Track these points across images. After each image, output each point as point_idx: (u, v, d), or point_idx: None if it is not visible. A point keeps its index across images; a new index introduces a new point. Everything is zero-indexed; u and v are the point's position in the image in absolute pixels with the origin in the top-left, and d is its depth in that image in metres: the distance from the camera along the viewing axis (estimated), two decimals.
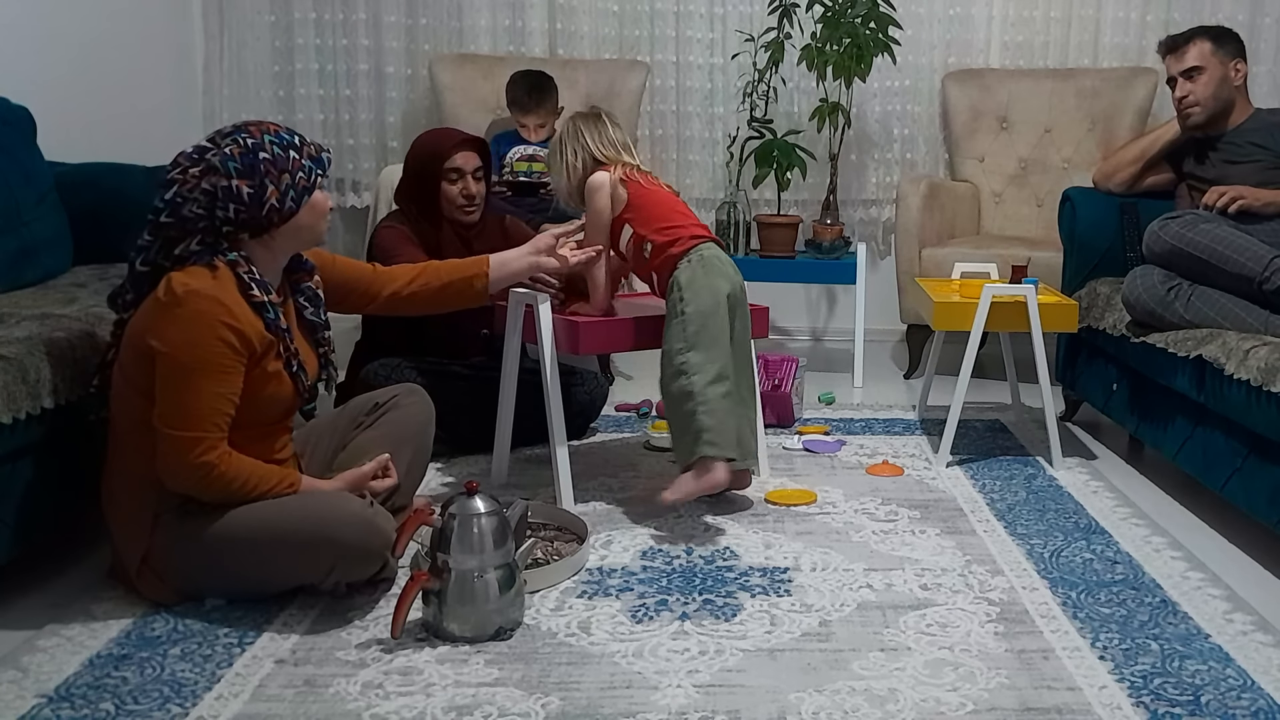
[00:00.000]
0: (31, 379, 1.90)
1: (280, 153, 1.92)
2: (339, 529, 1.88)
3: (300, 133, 2.00)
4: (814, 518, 2.46)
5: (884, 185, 4.41)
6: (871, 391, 3.69)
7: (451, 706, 1.64)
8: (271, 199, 1.90)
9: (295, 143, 1.95)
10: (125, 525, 1.94)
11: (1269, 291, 2.46)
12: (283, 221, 1.94)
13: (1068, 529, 2.40)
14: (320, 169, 1.98)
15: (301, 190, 1.94)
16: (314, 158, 1.97)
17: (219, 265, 1.89)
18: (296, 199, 1.93)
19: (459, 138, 2.90)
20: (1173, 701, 1.67)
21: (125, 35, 3.73)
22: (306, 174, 1.94)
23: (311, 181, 1.95)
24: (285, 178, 1.91)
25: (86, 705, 1.64)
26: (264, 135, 1.93)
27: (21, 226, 2.63)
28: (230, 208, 1.88)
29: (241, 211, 1.89)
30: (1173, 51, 3.05)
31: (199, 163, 1.90)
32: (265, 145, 1.91)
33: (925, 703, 1.67)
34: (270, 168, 1.90)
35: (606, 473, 2.74)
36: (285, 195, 1.92)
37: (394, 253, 2.76)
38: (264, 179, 1.89)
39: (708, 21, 4.31)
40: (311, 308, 2.11)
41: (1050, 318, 2.79)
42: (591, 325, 2.47)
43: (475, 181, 2.87)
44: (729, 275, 2.44)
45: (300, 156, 1.94)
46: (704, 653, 1.81)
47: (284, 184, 1.91)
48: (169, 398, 1.84)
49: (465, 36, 4.29)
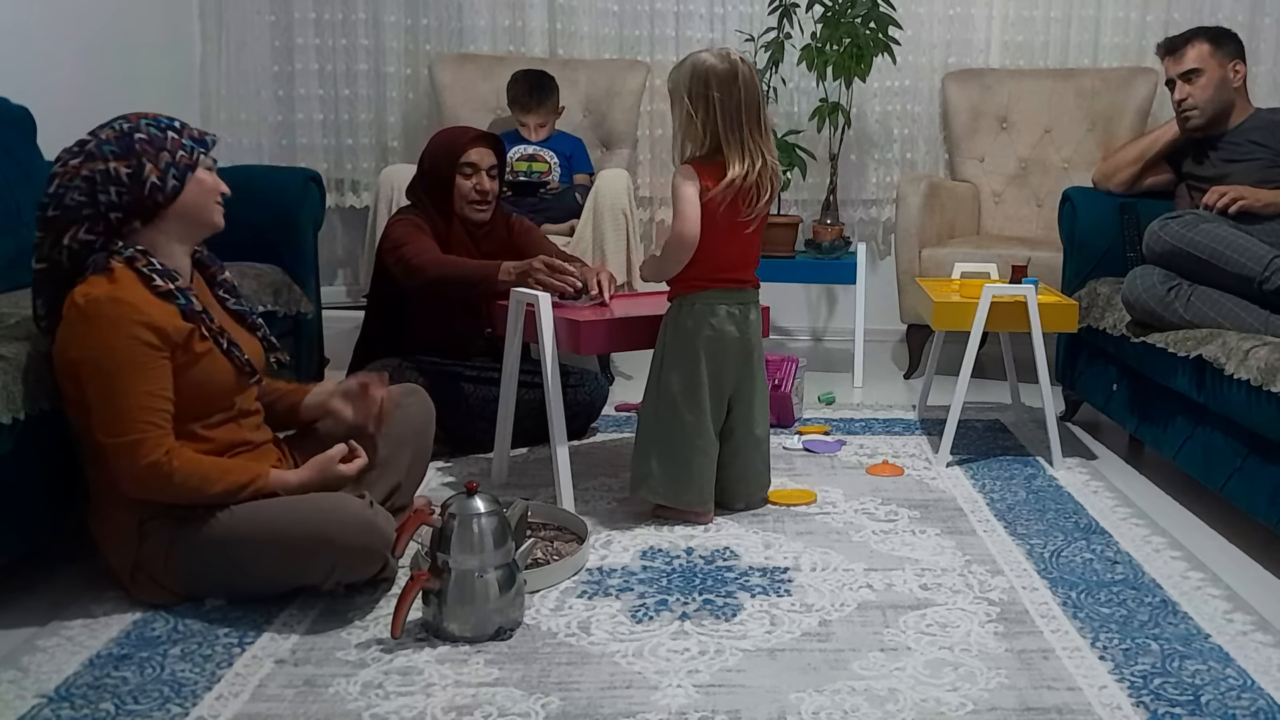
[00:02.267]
0: (31, 379, 1.90)
1: (157, 133, 1.92)
2: (339, 530, 1.88)
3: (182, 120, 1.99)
4: (814, 518, 2.46)
5: (884, 185, 4.41)
6: (871, 391, 3.69)
7: (451, 706, 1.64)
8: (151, 177, 1.89)
9: (175, 125, 1.95)
10: (111, 538, 1.95)
11: (1269, 291, 2.46)
12: (168, 201, 1.92)
13: (1068, 529, 2.40)
14: (203, 148, 1.96)
15: (184, 168, 1.92)
16: (195, 138, 1.96)
17: (115, 267, 1.88)
18: (179, 176, 1.92)
19: (475, 133, 2.91)
20: (1173, 701, 1.67)
21: (125, 35, 3.73)
22: (188, 152, 1.93)
23: (194, 159, 1.93)
24: (164, 155, 1.91)
25: (86, 705, 1.64)
26: (140, 120, 1.93)
27: (21, 226, 2.63)
28: (111, 190, 1.88)
29: (124, 193, 1.89)
30: (1171, 54, 3.05)
31: (78, 154, 1.90)
32: (141, 128, 1.92)
33: (925, 703, 1.67)
34: (147, 147, 1.90)
35: (606, 473, 2.74)
36: (166, 173, 1.91)
37: (402, 242, 2.76)
38: (141, 158, 1.89)
39: (708, 21, 4.31)
40: (232, 299, 2.11)
41: (1050, 318, 2.79)
42: (592, 325, 2.47)
43: (489, 178, 2.87)
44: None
45: (180, 136, 1.94)
46: (704, 653, 1.81)
47: (163, 162, 1.90)
48: (100, 408, 1.84)
49: (465, 36, 4.29)
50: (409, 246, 2.75)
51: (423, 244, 2.76)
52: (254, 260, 2.86)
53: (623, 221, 3.59)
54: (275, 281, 2.88)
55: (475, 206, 2.87)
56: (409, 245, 2.75)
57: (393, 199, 3.60)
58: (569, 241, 3.60)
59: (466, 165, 2.84)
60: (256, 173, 3.31)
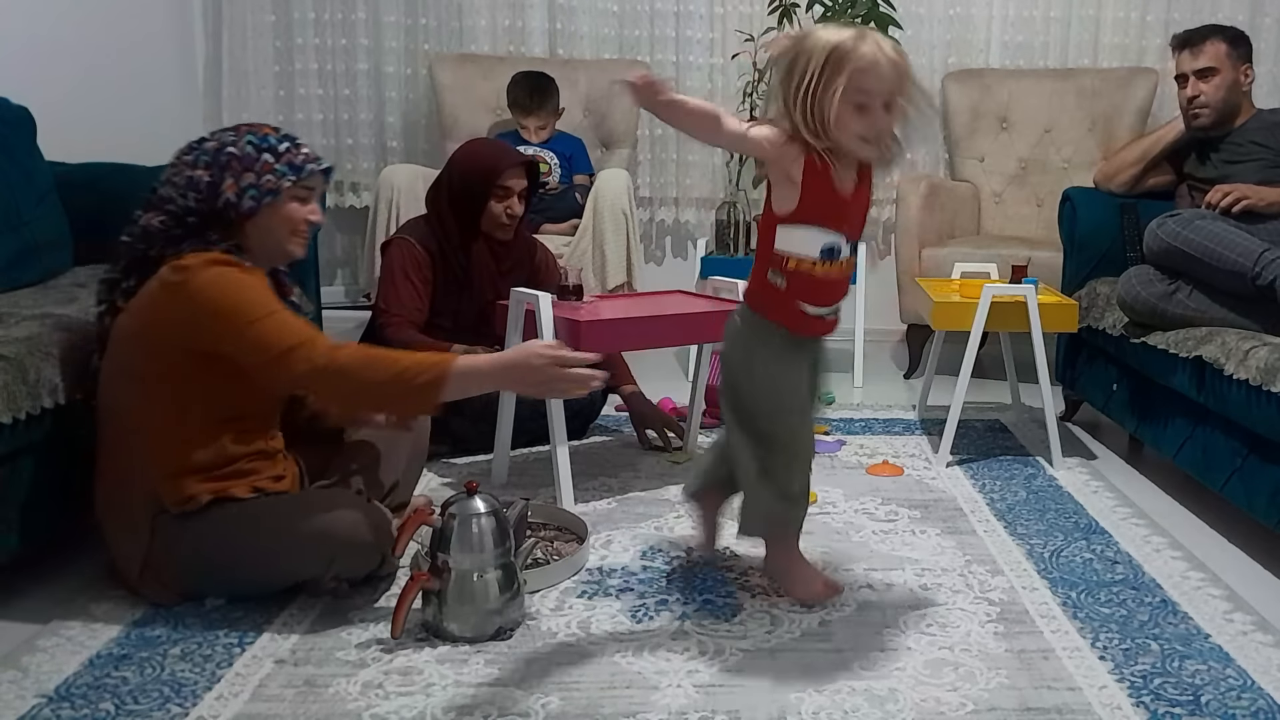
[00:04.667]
0: (31, 379, 1.90)
1: (251, 152, 1.93)
2: (335, 523, 1.89)
3: (300, 142, 1.99)
4: (814, 518, 2.45)
5: (884, 185, 4.40)
6: (871, 391, 3.69)
7: (451, 706, 1.64)
8: (228, 193, 1.91)
9: (277, 147, 1.95)
10: (122, 531, 1.94)
11: (1261, 287, 2.45)
12: (240, 219, 1.93)
13: (1068, 529, 2.40)
14: (295, 174, 1.95)
15: (265, 191, 1.92)
16: (294, 164, 1.95)
17: (214, 251, 1.90)
18: (257, 198, 1.92)
19: (515, 159, 2.90)
20: (1173, 701, 1.67)
21: (125, 35, 3.73)
22: (276, 177, 1.93)
23: (279, 184, 1.93)
24: (248, 175, 1.92)
25: (86, 705, 1.64)
26: (246, 135, 1.95)
27: (22, 226, 2.63)
28: (189, 195, 1.91)
29: (200, 201, 1.91)
30: (1189, 47, 3.02)
31: (189, 152, 1.95)
32: (239, 143, 1.93)
33: (925, 703, 1.67)
34: (235, 163, 1.91)
35: (606, 473, 2.74)
36: (244, 193, 1.91)
37: (391, 281, 2.80)
38: (224, 172, 1.91)
39: (708, 21, 4.31)
40: None
41: (1050, 318, 2.79)
42: (593, 325, 2.47)
43: (520, 202, 2.89)
44: None
45: (275, 160, 1.93)
46: (704, 653, 1.81)
47: (245, 181, 1.91)
48: (250, 337, 1.81)
49: (465, 36, 4.29)
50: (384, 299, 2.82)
51: (402, 298, 2.80)
52: None
53: (623, 221, 3.59)
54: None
55: (503, 228, 2.88)
56: (385, 297, 2.82)
57: (393, 199, 3.60)
58: (569, 241, 3.61)
59: (501, 189, 2.85)
60: None
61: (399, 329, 2.79)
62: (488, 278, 2.90)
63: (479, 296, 2.89)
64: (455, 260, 2.86)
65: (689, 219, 4.47)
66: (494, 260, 2.91)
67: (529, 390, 1.99)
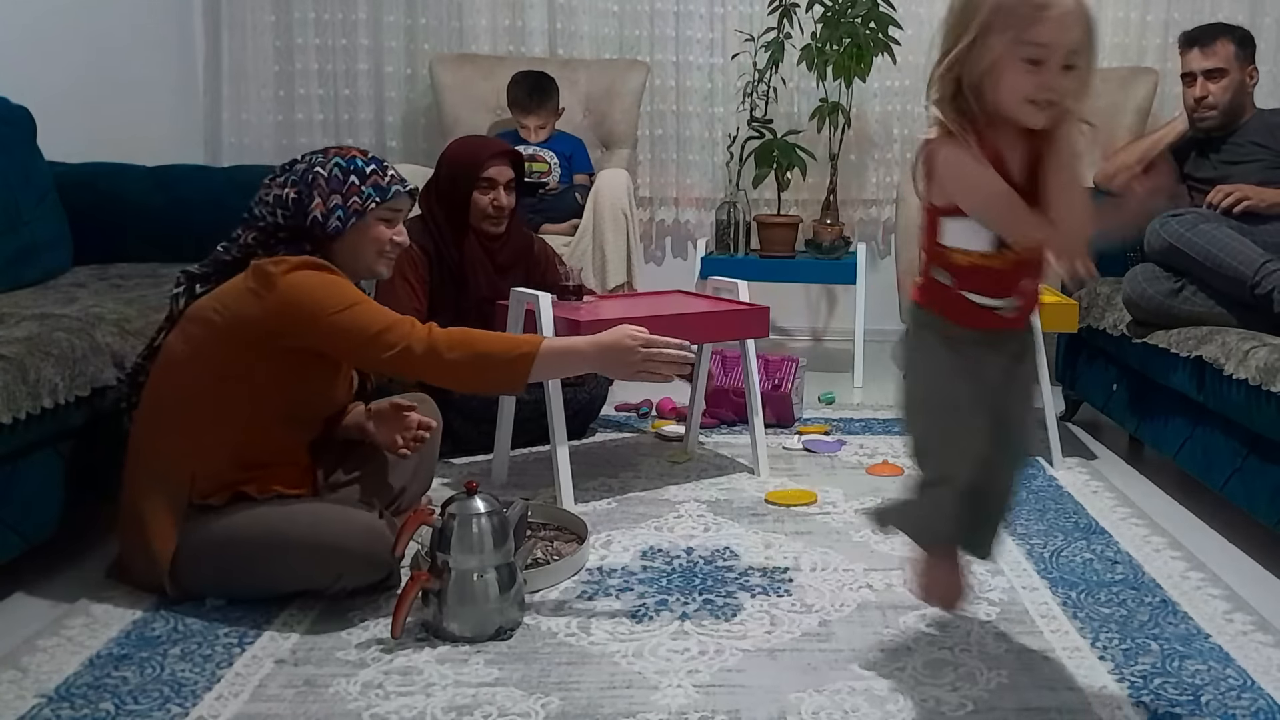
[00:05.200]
0: (31, 379, 1.90)
1: (339, 174, 2.00)
2: (346, 538, 1.90)
3: (387, 165, 2.05)
4: (814, 518, 2.46)
5: (884, 185, 4.41)
6: (871, 391, 3.69)
7: (451, 706, 1.64)
8: (315, 211, 1.97)
9: (364, 170, 2.01)
10: (156, 518, 1.92)
11: (1259, 296, 2.45)
12: (327, 237, 1.99)
13: (1068, 529, 2.40)
14: (380, 196, 2.01)
15: (351, 212, 1.99)
16: (379, 187, 2.01)
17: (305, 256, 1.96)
18: (343, 219, 1.98)
19: (496, 149, 2.90)
20: (1173, 701, 1.67)
21: (125, 35, 3.73)
22: (362, 199, 1.99)
23: (364, 206, 1.99)
24: (335, 197, 1.98)
25: (86, 705, 1.64)
26: (335, 157, 2.02)
27: (22, 226, 2.63)
28: (278, 212, 1.99)
29: (289, 218, 1.98)
30: (1199, 47, 3.00)
31: (281, 173, 2.03)
32: (328, 165, 2.01)
33: (925, 703, 1.67)
34: (322, 183, 1.99)
35: (606, 473, 2.74)
36: (331, 213, 1.98)
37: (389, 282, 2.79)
38: (312, 191, 1.98)
39: (708, 21, 4.31)
40: None
41: (1050, 318, 2.79)
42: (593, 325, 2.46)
43: (506, 193, 2.88)
44: None
45: (361, 183, 2.00)
46: (704, 653, 1.81)
47: (332, 202, 1.98)
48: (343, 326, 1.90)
49: (465, 36, 4.29)
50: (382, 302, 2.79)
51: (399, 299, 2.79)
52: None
53: (623, 221, 3.59)
54: None
55: (492, 221, 2.88)
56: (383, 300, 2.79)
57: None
58: (569, 241, 3.61)
59: (485, 181, 2.85)
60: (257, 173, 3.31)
61: None
62: (483, 274, 2.90)
63: (476, 293, 2.88)
64: (449, 258, 2.86)
65: (689, 219, 4.47)
66: (488, 255, 2.91)
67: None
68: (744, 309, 2.69)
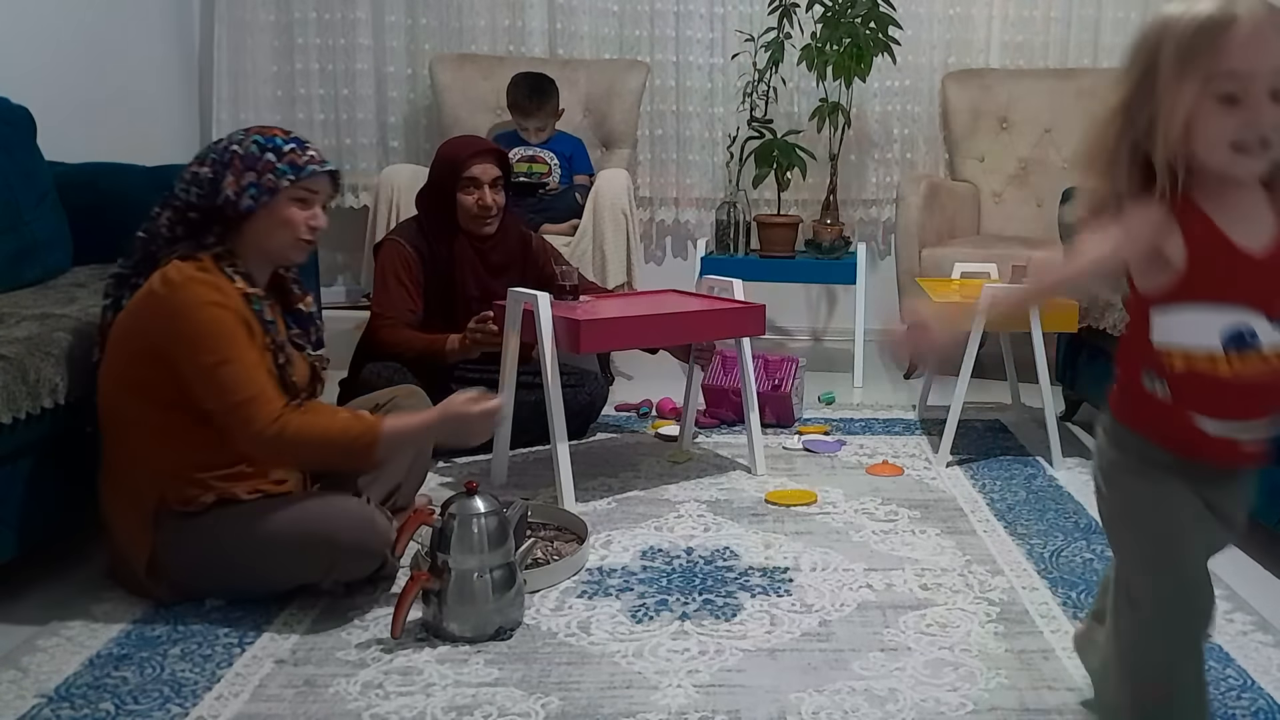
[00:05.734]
0: (31, 379, 1.90)
1: (255, 152, 1.93)
2: (336, 528, 1.89)
3: (308, 144, 1.98)
4: (814, 518, 2.46)
5: (884, 185, 4.41)
6: (871, 391, 3.69)
7: (451, 706, 1.64)
8: (228, 190, 1.91)
9: (282, 148, 1.94)
10: (128, 529, 1.94)
11: None
12: (239, 216, 1.93)
13: (1068, 529, 2.40)
14: (295, 174, 1.93)
15: (264, 190, 1.92)
16: (295, 165, 1.94)
17: (203, 258, 1.91)
18: (255, 197, 1.92)
19: (477, 148, 2.89)
20: None
21: (125, 35, 3.73)
22: (276, 176, 1.92)
23: (277, 184, 1.92)
24: (249, 174, 1.92)
25: (86, 705, 1.64)
26: (255, 135, 1.96)
27: (22, 226, 2.63)
28: (192, 191, 1.94)
29: (201, 197, 1.93)
30: None
31: (207, 153, 1.98)
32: (246, 142, 1.94)
33: (925, 703, 1.67)
34: (238, 161, 1.93)
35: (606, 473, 2.74)
36: (244, 190, 1.91)
37: (383, 284, 2.82)
38: (226, 170, 1.92)
39: (708, 21, 4.31)
40: (299, 329, 2.10)
41: (1050, 318, 2.79)
42: (592, 324, 2.47)
43: (492, 191, 2.87)
44: None
45: (277, 160, 1.93)
46: (704, 653, 1.81)
47: (246, 180, 1.92)
48: (208, 375, 1.85)
49: (465, 36, 4.29)
50: (377, 303, 2.85)
51: (393, 301, 2.81)
52: None
53: (623, 221, 3.59)
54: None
55: (479, 221, 2.87)
56: (378, 300, 2.85)
57: (393, 199, 3.60)
58: (569, 241, 3.60)
59: (468, 181, 2.84)
60: None
61: (391, 331, 2.79)
62: (473, 275, 2.89)
63: (465, 294, 2.88)
64: (440, 259, 2.86)
65: (689, 219, 4.47)
66: (478, 256, 2.90)
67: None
68: (740, 307, 2.69)
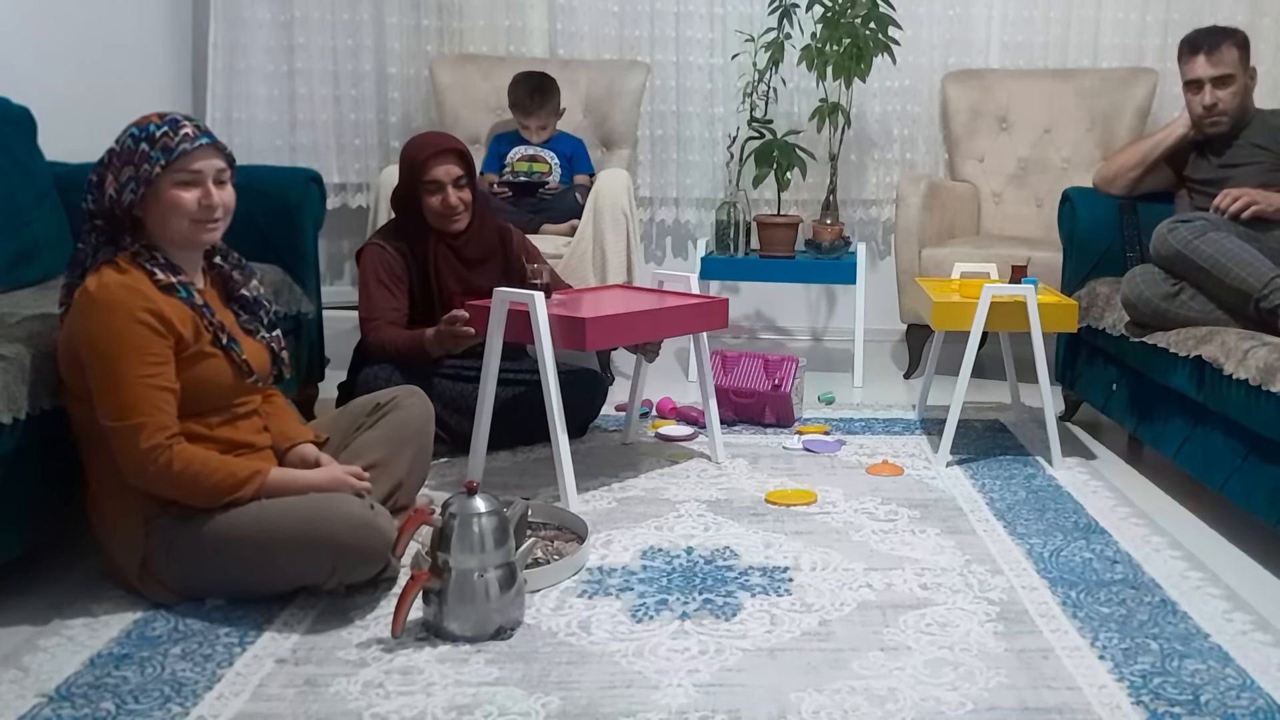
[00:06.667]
0: (31, 379, 1.90)
1: (130, 145, 1.91)
2: (339, 530, 1.89)
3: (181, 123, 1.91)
4: (814, 518, 2.46)
5: (884, 185, 4.41)
6: (871, 391, 3.69)
7: (452, 706, 1.64)
8: (110, 189, 1.91)
9: (153, 134, 1.90)
10: (117, 535, 1.95)
11: (1265, 310, 2.43)
12: (126, 213, 1.91)
13: (1067, 529, 2.40)
14: (165, 158, 1.89)
15: (141, 181, 1.89)
16: (166, 148, 1.89)
17: (122, 262, 1.90)
18: (135, 190, 1.89)
19: (436, 148, 2.83)
20: (1172, 701, 1.68)
21: (125, 35, 3.73)
22: (151, 165, 1.89)
23: (152, 173, 1.88)
24: (127, 170, 1.90)
25: (87, 705, 1.64)
26: (131, 128, 1.93)
27: (22, 226, 2.63)
28: (88, 199, 1.94)
29: (95, 200, 1.93)
30: (1206, 52, 2.93)
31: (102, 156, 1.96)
32: (123, 138, 1.93)
33: (925, 702, 1.67)
34: (115, 159, 1.92)
35: (606, 473, 2.74)
36: (124, 187, 1.90)
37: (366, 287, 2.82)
38: (106, 170, 1.92)
39: (708, 21, 4.31)
40: (247, 314, 2.10)
41: (1050, 318, 2.79)
42: (595, 321, 2.46)
43: (457, 190, 2.84)
44: None
45: (150, 148, 1.89)
46: (704, 652, 1.81)
47: (124, 176, 1.90)
48: (103, 391, 1.85)
49: (465, 37, 4.29)
50: (363, 308, 2.84)
51: (376, 303, 2.81)
52: (255, 260, 2.83)
53: (623, 221, 3.59)
54: (276, 281, 2.88)
55: (446, 220, 2.85)
56: (363, 305, 2.84)
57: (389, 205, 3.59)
58: (569, 241, 3.61)
59: (430, 183, 2.82)
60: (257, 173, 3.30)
61: (377, 332, 2.79)
62: (451, 272, 2.88)
63: (445, 290, 2.87)
64: (419, 257, 2.86)
65: (689, 219, 4.47)
66: (453, 252, 2.89)
67: None
68: (705, 302, 2.70)
